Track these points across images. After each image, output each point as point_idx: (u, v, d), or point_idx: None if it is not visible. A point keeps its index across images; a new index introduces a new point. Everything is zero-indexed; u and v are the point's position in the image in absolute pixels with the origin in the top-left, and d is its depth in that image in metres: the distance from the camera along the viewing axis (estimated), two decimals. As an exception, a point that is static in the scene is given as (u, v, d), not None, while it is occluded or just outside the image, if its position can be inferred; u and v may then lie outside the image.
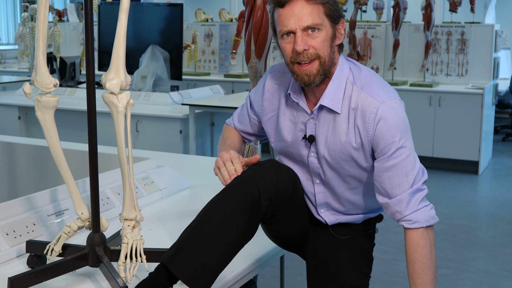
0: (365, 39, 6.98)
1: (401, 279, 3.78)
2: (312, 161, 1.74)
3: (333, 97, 1.64)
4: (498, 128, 8.61)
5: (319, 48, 1.60)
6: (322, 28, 1.60)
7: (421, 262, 1.63)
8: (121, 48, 1.60)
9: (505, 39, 8.73)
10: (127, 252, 1.62)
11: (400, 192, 1.62)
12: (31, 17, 7.40)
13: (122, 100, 1.60)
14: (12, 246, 1.83)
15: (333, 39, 1.63)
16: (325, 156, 1.70)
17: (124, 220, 1.66)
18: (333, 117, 1.66)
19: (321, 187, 1.78)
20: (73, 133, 4.82)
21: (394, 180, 1.62)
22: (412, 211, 1.63)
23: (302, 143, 1.73)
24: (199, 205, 2.35)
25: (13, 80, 7.30)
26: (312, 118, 1.69)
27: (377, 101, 1.61)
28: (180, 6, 5.64)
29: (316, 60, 1.61)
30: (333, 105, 1.64)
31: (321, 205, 1.81)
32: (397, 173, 1.61)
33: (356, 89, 1.64)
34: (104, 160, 2.64)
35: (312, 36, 1.59)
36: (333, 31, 1.62)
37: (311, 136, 1.70)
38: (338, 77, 1.66)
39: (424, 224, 1.63)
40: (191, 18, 8.70)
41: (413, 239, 1.64)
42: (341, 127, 1.65)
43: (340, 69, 1.67)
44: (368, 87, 1.64)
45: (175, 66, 5.63)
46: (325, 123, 1.68)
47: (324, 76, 1.64)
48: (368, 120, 1.61)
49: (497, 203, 5.43)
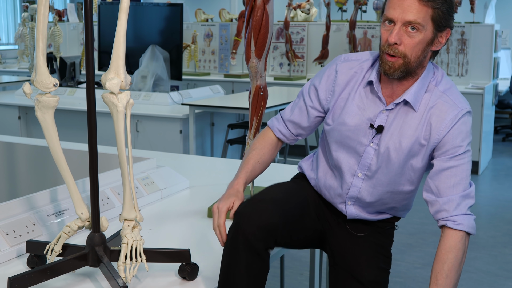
0: (365, 39, 6.98)
1: (401, 279, 3.78)
2: (369, 151, 1.75)
3: (417, 95, 1.70)
4: (498, 128, 8.61)
5: (410, 48, 1.64)
6: (422, 30, 1.62)
7: (451, 263, 1.65)
8: (121, 48, 1.60)
9: (505, 39, 8.73)
10: (127, 253, 1.62)
11: (454, 193, 1.68)
12: (31, 17, 7.40)
13: (122, 100, 1.60)
14: (12, 246, 1.83)
15: (430, 44, 1.66)
16: (389, 148, 1.72)
17: (124, 220, 1.66)
18: (408, 113, 1.71)
19: (360, 181, 1.79)
20: (73, 133, 4.82)
21: (451, 180, 1.68)
22: (460, 213, 1.67)
23: (366, 131, 1.75)
24: (199, 205, 2.36)
25: (13, 80, 7.29)
26: (387, 110, 1.73)
27: (458, 107, 1.69)
28: (180, 6, 5.64)
29: (401, 59, 1.65)
30: (414, 103, 1.70)
31: (351, 198, 1.82)
32: (456, 174, 1.68)
33: (438, 91, 1.71)
34: (104, 160, 2.63)
35: (409, 34, 1.63)
36: (433, 37, 1.65)
37: (381, 126, 1.72)
38: (425, 77, 1.72)
39: (467, 229, 1.67)
40: (191, 18, 8.70)
41: (452, 240, 1.66)
42: (413, 123, 1.70)
43: (428, 70, 1.73)
44: (450, 92, 1.72)
45: (175, 66, 5.63)
46: (398, 118, 1.72)
47: (405, 74, 1.68)
48: (445, 121, 1.68)
49: (497, 203, 5.43)
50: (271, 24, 2.19)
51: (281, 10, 8.57)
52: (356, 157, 1.78)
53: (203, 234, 2.08)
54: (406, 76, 1.69)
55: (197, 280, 1.72)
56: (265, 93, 2.23)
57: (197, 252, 1.81)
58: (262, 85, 2.21)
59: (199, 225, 2.17)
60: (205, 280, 1.72)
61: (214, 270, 1.79)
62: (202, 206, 2.33)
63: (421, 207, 5.37)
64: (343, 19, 7.36)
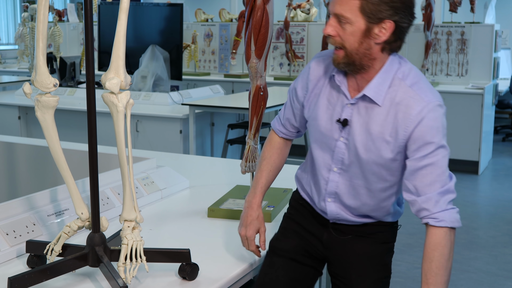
0: (365, 39, 6.98)
1: (401, 279, 3.78)
2: (340, 145, 1.75)
3: (377, 89, 1.67)
4: (498, 128, 8.61)
5: (345, 39, 1.64)
6: (351, 22, 1.61)
7: (438, 261, 1.64)
8: (121, 48, 1.60)
9: (505, 39, 8.73)
10: (127, 253, 1.62)
11: (431, 191, 1.65)
12: (31, 17, 7.40)
13: (122, 100, 1.60)
14: (12, 246, 1.83)
15: (366, 36, 1.63)
16: (356, 143, 1.71)
17: (124, 221, 1.66)
18: (372, 107, 1.69)
19: (337, 176, 1.79)
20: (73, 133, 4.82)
21: (427, 179, 1.65)
22: (440, 209, 1.65)
23: (335, 125, 1.75)
24: (199, 205, 2.36)
25: (13, 80, 7.30)
26: (351, 104, 1.72)
27: (424, 101, 1.63)
28: (180, 6, 5.64)
29: (342, 50, 1.65)
30: (376, 97, 1.67)
31: (330, 194, 1.82)
32: (432, 172, 1.65)
33: (404, 85, 1.67)
34: (104, 160, 2.63)
35: (342, 26, 1.63)
36: (366, 28, 1.61)
37: (346, 120, 1.72)
38: (387, 71, 1.68)
39: (449, 225, 1.65)
40: (191, 18, 8.69)
41: (436, 238, 1.65)
42: (378, 118, 1.68)
43: (390, 64, 1.69)
44: (417, 86, 1.67)
45: (175, 66, 5.63)
46: (362, 112, 1.70)
47: (355, 66, 1.67)
48: (411, 117, 1.63)
49: (497, 203, 5.43)
50: (271, 24, 2.19)
51: (281, 10, 8.57)
52: (329, 152, 1.78)
53: (203, 234, 2.08)
54: (358, 69, 1.67)
55: (197, 280, 1.72)
56: (265, 93, 2.23)
57: (197, 252, 1.81)
58: (262, 85, 2.21)
59: (199, 225, 2.17)
60: (205, 280, 1.72)
61: (214, 270, 1.79)
62: (202, 206, 2.33)
63: (421, 207, 5.35)
64: (343, 19, 7.35)
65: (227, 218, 2.21)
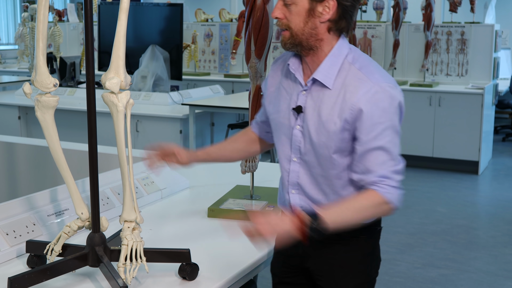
0: (365, 39, 6.98)
1: (401, 279, 3.78)
2: (296, 133, 1.76)
3: (327, 72, 1.70)
4: (498, 128, 8.61)
5: (290, 19, 1.70)
6: (295, 3, 1.68)
7: (357, 206, 1.65)
8: (121, 48, 1.60)
9: (505, 39, 8.73)
10: (127, 254, 1.62)
11: (381, 170, 1.65)
12: (31, 17, 7.39)
13: (122, 100, 1.60)
14: (12, 246, 1.83)
15: (311, 15, 1.68)
16: (309, 128, 1.72)
17: (124, 221, 1.66)
18: (323, 91, 1.71)
19: (297, 165, 1.78)
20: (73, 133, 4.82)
21: (377, 160, 1.65)
22: (393, 186, 1.65)
23: (292, 114, 1.77)
24: (199, 205, 2.36)
25: (13, 80, 7.30)
26: (305, 90, 1.74)
27: (372, 81, 1.65)
28: (180, 6, 5.64)
29: (287, 31, 1.72)
30: (325, 80, 1.69)
31: (292, 185, 1.80)
32: (381, 154, 1.65)
33: (354, 68, 1.69)
34: (104, 160, 2.63)
35: (287, 8, 1.70)
36: (310, 7, 1.67)
37: (299, 106, 1.74)
38: (336, 55, 1.71)
39: (389, 198, 1.64)
40: (191, 18, 8.69)
41: (373, 196, 1.65)
42: (329, 101, 1.69)
43: (339, 48, 1.72)
44: (366, 68, 1.68)
45: (175, 66, 5.63)
46: (315, 97, 1.72)
47: (302, 47, 1.71)
48: (358, 96, 1.64)
49: (497, 203, 5.43)
50: (271, 24, 2.20)
51: (281, 10, 8.54)
52: (288, 142, 1.79)
53: (203, 234, 2.08)
54: (306, 50, 1.72)
55: (197, 280, 1.72)
56: (265, 93, 2.23)
57: (197, 252, 1.81)
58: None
59: (199, 225, 2.17)
60: (205, 280, 1.72)
61: (214, 270, 1.79)
62: (202, 206, 2.33)
63: (421, 207, 5.38)
64: (343, 19, 7.35)
65: (227, 218, 2.21)
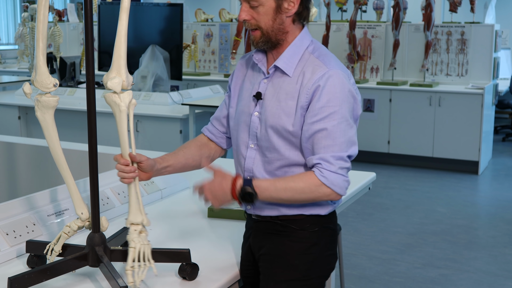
0: (365, 39, 6.98)
1: (401, 279, 3.78)
2: (254, 120, 1.79)
3: (288, 61, 1.75)
4: (498, 128, 8.61)
5: (259, 20, 1.73)
6: (262, 4, 1.71)
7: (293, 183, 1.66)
8: (122, 48, 1.60)
9: (505, 39, 8.73)
10: (135, 257, 1.61)
11: (325, 152, 1.66)
12: (31, 17, 7.39)
13: (124, 99, 1.60)
14: (12, 246, 1.83)
15: (278, 12, 1.73)
16: (266, 114, 1.75)
17: (130, 224, 1.65)
18: (283, 79, 1.76)
19: (253, 152, 1.80)
20: (73, 133, 4.82)
21: (323, 142, 1.67)
22: (331, 170, 1.65)
23: (252, 101, 1.80)
24: (199, 205, 2.36)
25: (13, 80, 7.30)
26: (267, 78, 1.79)
27: (327, 67, 1.70)
28: (180, 6, 5.64)
29: (257, 30, 1.74)
30: (286, 68, 1.75)
31: (248, 171, 1.81)
32: (327, 136, 1.66)
33: (312, 57, 1.75)
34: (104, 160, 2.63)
35: (254, 9, 1.73)
36: (277, 5, 1.72)
37: (259, 93, 1.78)
38: (297, 45, 1.77)
39: (329, 184, 1.65)
40: (191, 18, 8.69)
41: (311, 179, 1.65)
42: (288, 88, 1.74)
43: (301, 38, 1.78)
44: (324, 57, 1.75)
45: (175, 66, 5.63)
46: (275, 84, 1.77)
47: (272, 43, 1.75)
48: (313, 81, 1.69)
49: (497, 203, 5.43)
50: (271, 24, 2.20)
51: (281, 10, 8.54)
52: (247, 128, 1.81)
53: (203, 234, 2.08)
54: (275, 45, 1.76)
55: (197, 280, 1.72)
56: (265, 93, 2.23)
57: (197, 252, 1.81)
58: (262, 85, 2.21)
59: (199, 225, 2.17)
60: (205, 280, 1.72)
61: (214, 270, 1.79)
62: (202, 206, 2.33)
63: (421, 207, 5.38)
64: (343, 19, 7.35)
65: (227, 218, 2.21)
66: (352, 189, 2.55)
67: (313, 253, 1.77)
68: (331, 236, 1.82)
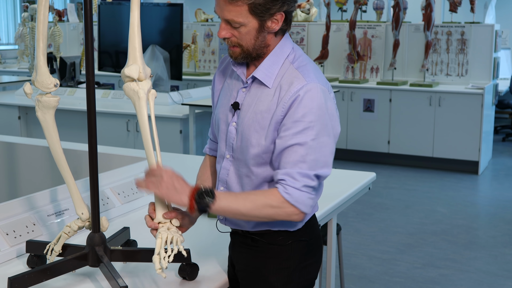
0: (365, 39, 6.98)
1: (401, 279, 3.78)
2: (231, 130, 1.73)
3: (267, 71, 1.67)
4: (498, 128, 8.61)
5: (240, 38, 1.64)
6: (244, 24, 1.62)
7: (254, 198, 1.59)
8: (136, 40, 1.60)
9: (505, 39, 8.73)
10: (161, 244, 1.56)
11: (292, 167, 1.58)
12: (31, 17, 7.39)
13: (143, 87, 1.59)
14: (12, 246, 1.83)
15: (261, 31, 1.64)
16: (243, 125, 1.69)
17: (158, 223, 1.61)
18: (262, 89, 1.68)
19: (229, 163, 1.74)
20: (73, 133, 4.82)
21: (292, 157, 1.59)
22: (294, 186, 1.57)
23: (229, 109, 1.74)
24: (199, 205, 2.35)
25: (13, 80, 7.30)
26: (245, 88, 1.72)
27: (305, 80, 1.62)
28: (180, 6, 5.64)
29: (237, 47, 1.66)
30: (265, 79, 1.67)
31: (222, 182, 1.76)
32: (296, 151, 1.58)
33: (292, 68, 1.66)
34: (104, 160, 2.63)
35: (236, 29, 1.64)
36: (260, 25, 1.63)
37: (236, 103, 1.71)
38: (277, 54, 1.68)
39: (294, 203, 1.57)
40: (191, 18, 8.69)
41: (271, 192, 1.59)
42: (266, 99, 1.66)
43: (281, 47, 1.69)
44: (303, 68, 1.66)
45: (175, 66, 5.63)
46: (253, 94, 1.69)
47: (252, 58, 1.67)
48: (290, 94, 1.61)
49: (497, 203, 5.43)
50: (271, 24, 2.19)
51: (281, 10, 8.54)
52: (224, 138, 1.76)
53: (203, 234, 2.08)
54: (256, 58, 1.68)
55: (197, 280, 1.72)
56: (265, 93, 2.22)
57: (197, 252, 1.81)
58: (262, 85, 2.21)
59: (199, 225, 2.16)
60: (205, 280, 1.72)
61: (214, 270, 1.79)
62: (202, 206, 2.32)
63: (421, 207, 5.38)
64: (343, 19, 7.36)
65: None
66: (352, 189, 2.56)
67: (289, 267, 1.70)
68: (307, 247, 1.73)
